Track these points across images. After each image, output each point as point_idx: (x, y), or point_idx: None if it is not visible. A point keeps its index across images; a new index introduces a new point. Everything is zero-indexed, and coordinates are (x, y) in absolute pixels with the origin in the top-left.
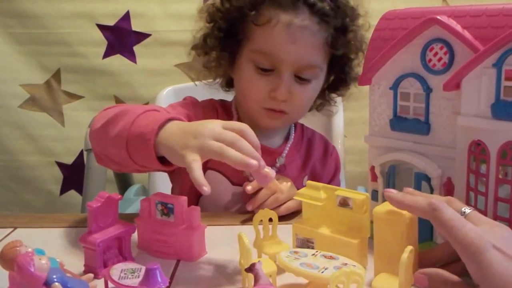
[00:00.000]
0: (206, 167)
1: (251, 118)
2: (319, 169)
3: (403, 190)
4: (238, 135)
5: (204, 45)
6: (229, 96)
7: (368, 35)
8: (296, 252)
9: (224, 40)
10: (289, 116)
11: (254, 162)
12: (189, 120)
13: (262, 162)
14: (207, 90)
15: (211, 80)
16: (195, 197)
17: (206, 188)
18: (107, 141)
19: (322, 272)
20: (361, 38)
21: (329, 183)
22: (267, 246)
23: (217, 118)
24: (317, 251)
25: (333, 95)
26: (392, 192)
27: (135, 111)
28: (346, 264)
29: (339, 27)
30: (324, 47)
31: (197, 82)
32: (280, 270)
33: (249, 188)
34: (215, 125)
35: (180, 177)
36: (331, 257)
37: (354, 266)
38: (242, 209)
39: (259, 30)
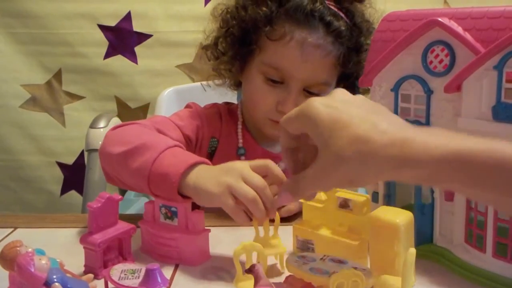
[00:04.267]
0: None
1: (256, 126)
2: None
3: None
4: (264, 181)
5: (215, 48)
6: (233, 97)
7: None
8: (303, 257)
9: (237, 47)
10: None
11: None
12: (198, 131)
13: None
14: (209, 91)
15: (219, 81)
16: None
17: (240, 214)
18: (126, 172)
19: None
20: None
21: None
22: (265, 246)
23: (221, 124)
24: (325, 255)
25: None
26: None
27: (157, 147)
28: (356, 268)
29: (353, 46)
30: (335, 65)
31: (203, 84)
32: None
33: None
34: (244, 166)
35: None
36: (339, 261)
37: (364, 270)
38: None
39: (273, 45)
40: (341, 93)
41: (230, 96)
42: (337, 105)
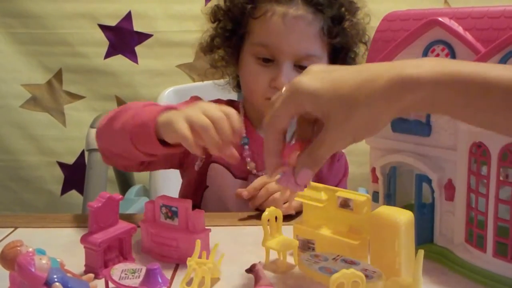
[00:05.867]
0: (209, 160)
1: (258, 114)
2: (325, 171)
3: None
4: (223, 114)
5: (210, 44)
6: (235, 97)
7: (370, 28)
8: (316, 256)
9: (229, 38)
10: None
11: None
12: None
13: (232, 150)
14: (211, 91)
15: (220, 79)
16: (200, 189)
17: (189, 136)
18: (112, 135)
19: None
20: (361, 29)
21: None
22: (277, 244)
23: None
24: (338, 255)
25: None
26: None
27: (137, 105)
28: (367, 269)
29: (334, 16)
30: (320, 36)
31: (199, 82)
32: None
33: (245, 193)
34: (208, 103)
35: (186, 172)
36: (351, 262)
37: (374, 272)
38: (245, 202)
39: (257, 23)
40: (317, 66)
41: (232, 96)
42: (321, 72)
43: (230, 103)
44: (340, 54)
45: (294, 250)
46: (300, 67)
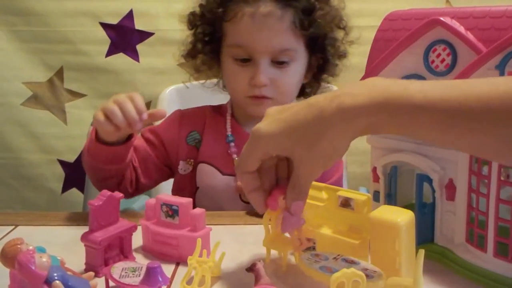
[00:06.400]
0: (197, 161)
1: (243, 112)
2: None
3: None
4: (126, 98)
5: (192, 50)
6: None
7: (346, 12)
8: (317, 255)
9: (208, 43)
10: (274, 101)
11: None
12: (156, 133)
13: (139, 125)
14: (211, 89)
15: (205, 81)
16: (192, 192)
17: (101, 119)
18: (84, 161)
19: None
20: (336, 16)
21: (329, 179)
22: (277, 243)
23: (205, 123)
24: (338, 255)
25: (327, 77)
26: None
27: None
28: (367, 269)
29: (304, 8)
30: (293, 29)
31: (202, 81)
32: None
33: (239, 183)
34: (121, 94)
35: (176, 178)
36: (352, 261)
37: (375, 271)
38: (235, 197)
39: (230, 25)
40: (272, 108)
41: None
42: (276, 115)
43: (218, 107)
44: (317, 43)
45: (284, 254)
46: (278, 63)
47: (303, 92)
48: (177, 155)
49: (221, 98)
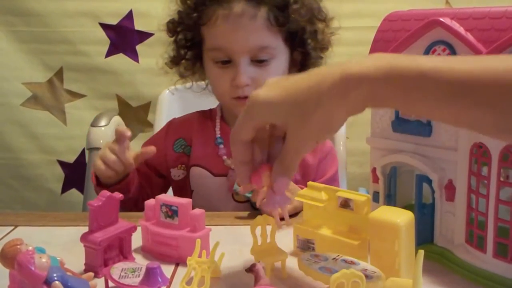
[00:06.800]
0: (189, 164)
1: (232, 114)
2: (311, 160)
3: None
4: (107, 150)
5: (175, 57)
6: None
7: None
8: (316, 256)
9: (189, 48)
10: None
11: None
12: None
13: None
14: (199, 95)
15: (191, 84)
16: (188, 194)
17: (103, 167)
18: None
19: None
20: (314, 8)
21: (324, 174)
22: (264, 253)
23: (192, 129)
24: (338, 255)
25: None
26: None
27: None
28: (366, 270)
29: (278, 4)
30: (268, 27)
31: (200, 82)
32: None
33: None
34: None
35: (173, 184)
36: (351, 262)
37: (374, 272)
38: (228, 197)
39: (206, 29)
40: (273, 78)
41: None
42: (276, 83)
43: (208, 111)
44: (296, 38)
45: (282, 262)
46: (258, 61)
47: None
48: (166, 164)
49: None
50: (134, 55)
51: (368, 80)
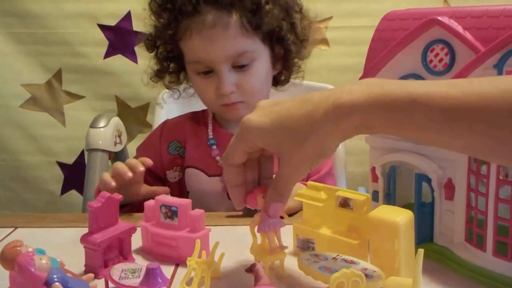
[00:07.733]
0: (184, 166)
1: (218, 115)
2: None
3: None
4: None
5: (158, 71)
6: None
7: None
8: (316, 255)
9: (171, 60)
10: (246, 103)
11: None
12: (148, 147)
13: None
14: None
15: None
16: (184, 196)
17: (113, 184)
18: None
19: None
20: (287, 3)
21: (320, 170)
22: (263, 253)
23: (186, 130)
24: (338, 255)
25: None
26: None
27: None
28: (366, 269)
29: (250, 8)
30: (243, 32)
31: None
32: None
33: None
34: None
35: (170, 187)
36: (351, 262)
37: (374, 271)
38: (223, 197)
39: (183, 44)
40: (264, 101)
41: None
42: (268, 107)
43: (201, 112)
44: (274, 36)
45: (281, 262)
46: (239, 67)
47: (277, 82)
48: (162, 167)
49: None
50: (132, 56)
51: (359, 109)
